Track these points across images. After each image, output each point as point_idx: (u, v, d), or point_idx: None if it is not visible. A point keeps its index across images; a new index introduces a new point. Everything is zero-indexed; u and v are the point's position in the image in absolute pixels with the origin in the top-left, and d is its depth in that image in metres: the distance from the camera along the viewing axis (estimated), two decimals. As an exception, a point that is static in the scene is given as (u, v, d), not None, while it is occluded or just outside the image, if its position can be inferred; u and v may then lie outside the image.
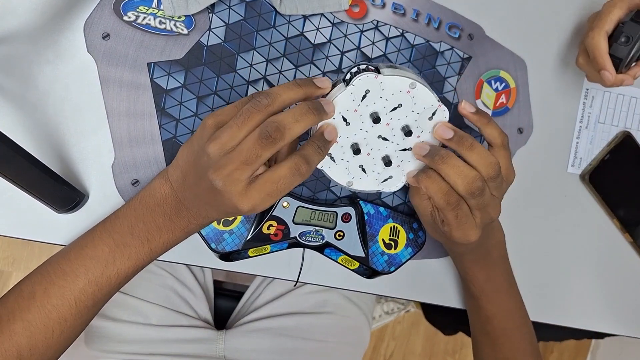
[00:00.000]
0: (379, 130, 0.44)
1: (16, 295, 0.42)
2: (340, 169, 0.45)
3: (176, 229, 0.44)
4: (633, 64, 0.54)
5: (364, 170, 0.46)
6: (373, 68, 0.42)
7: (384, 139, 0.44)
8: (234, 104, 0.41)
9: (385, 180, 0.47)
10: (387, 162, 0.45)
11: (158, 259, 0.52)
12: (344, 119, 0.43)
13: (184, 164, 0.43)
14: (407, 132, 0.44)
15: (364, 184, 0.47)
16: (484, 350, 0.57)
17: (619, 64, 0.52)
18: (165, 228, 0.43)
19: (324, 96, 0.43)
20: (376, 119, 0.43)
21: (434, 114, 0.43)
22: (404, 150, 0.45)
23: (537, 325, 0.61)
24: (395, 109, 0.43)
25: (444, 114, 0.44)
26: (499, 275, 0.54)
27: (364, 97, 0.42)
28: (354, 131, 0.44)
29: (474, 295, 0.54)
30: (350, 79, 0.42)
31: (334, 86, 0.43)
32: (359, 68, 0.42)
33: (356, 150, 0.44)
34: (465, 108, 0.44)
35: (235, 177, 0.38)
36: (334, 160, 0.45)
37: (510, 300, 0.55)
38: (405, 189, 0.57)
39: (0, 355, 0.41)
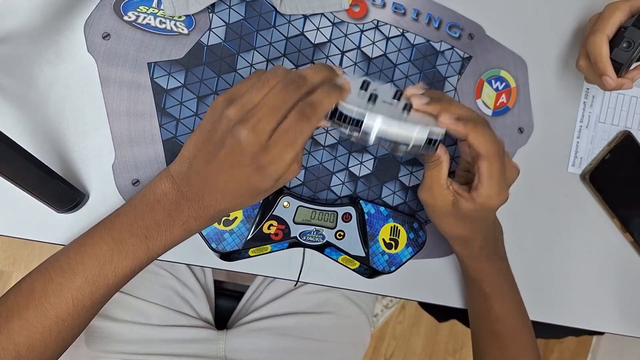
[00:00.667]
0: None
1: (16, 293, 0.42)
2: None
3: (175, 224, 0.43)
4: (632, 68, 0.54)
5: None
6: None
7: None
8: (240, 82, 0.42)
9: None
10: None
11: (159, 259, 0.52)
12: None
13: (192, 150, 0.42)
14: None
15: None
16: (489, 351, 0.56)
17: (620, 69, 0.52)
18: (164, 225, 0.43)
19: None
20: None
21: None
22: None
23: (537, 323, 0.61)
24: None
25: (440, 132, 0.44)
26: (506, 270, 0.55)
27: None
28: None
29: (487, 295, 0.54)
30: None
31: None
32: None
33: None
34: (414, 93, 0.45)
35: (261, 128, 0.38)
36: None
37: (517, 296, 0.56)
38: (406, 188, 0.57)
39: None
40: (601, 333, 0.75)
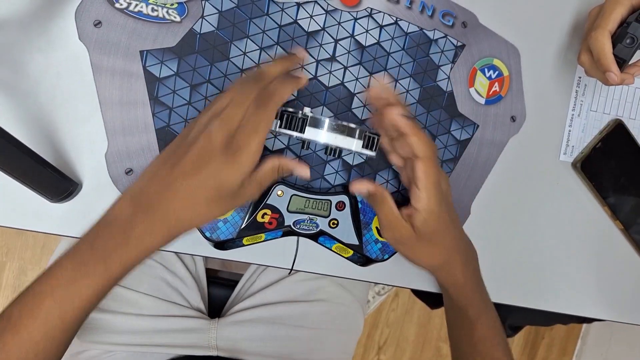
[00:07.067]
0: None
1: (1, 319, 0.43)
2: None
3: (129, 242, 0.42)
4: (631, 63, 0.53)
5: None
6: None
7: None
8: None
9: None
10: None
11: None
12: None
13: (155, 164, 0.44)
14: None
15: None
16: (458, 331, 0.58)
17: (622, 64, 0.52)
18: (121, 243, 0.42)
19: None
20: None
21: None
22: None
23: (526, 310, 0.62)
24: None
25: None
26: (486, 293, 0.56)
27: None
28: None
29: (472, 320, 0.55)
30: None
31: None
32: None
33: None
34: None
35: (229, 119, 0.43)
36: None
37: (497, 318, 0.57)
38: (399, 184, 0.57)
39: None
40: (590, 321, 0.76)
